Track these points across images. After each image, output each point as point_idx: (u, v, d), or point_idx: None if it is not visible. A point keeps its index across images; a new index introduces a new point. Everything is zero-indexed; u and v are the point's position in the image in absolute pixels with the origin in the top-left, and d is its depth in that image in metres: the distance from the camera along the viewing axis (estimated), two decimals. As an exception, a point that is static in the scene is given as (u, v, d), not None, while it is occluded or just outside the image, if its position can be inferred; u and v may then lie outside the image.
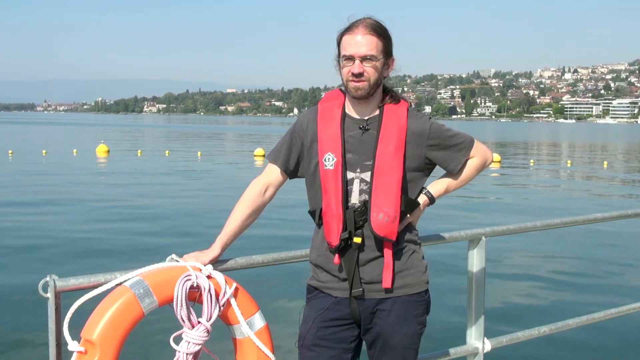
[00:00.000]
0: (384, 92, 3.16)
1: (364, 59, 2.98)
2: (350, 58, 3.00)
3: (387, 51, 3.06)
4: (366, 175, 3.02)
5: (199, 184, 25.24)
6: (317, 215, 3.14)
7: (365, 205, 3.00)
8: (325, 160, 3.05)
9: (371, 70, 3.00)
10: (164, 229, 15.17)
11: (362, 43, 2.98)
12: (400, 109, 3.12)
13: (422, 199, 3.18)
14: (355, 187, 3.03)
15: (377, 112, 3.11)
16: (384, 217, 2.97)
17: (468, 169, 3.26)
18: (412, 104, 3.23)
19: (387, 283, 3.02)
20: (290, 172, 3.27)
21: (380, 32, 3.02)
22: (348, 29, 3.03)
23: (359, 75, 2.99)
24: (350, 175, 3.04)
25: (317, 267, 3.18)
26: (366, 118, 3.10)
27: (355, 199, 3.03)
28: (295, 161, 3.25)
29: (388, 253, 3.03)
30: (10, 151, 40.24)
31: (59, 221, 15.95)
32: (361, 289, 3.03)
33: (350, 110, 3.14)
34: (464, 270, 4.18)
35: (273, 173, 3.28)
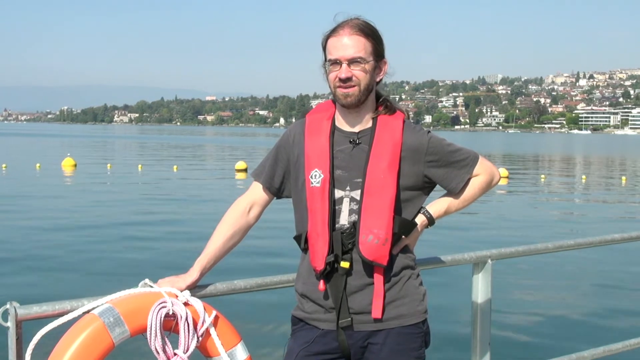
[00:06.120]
0: (377, 100, 3.14)
1: (351, 62, 2.97)
2: (337, 62, 2.99)
3: (377, 53, 3.04)
4: (356, 194, 3.00)
5: (175, 200, 25.18)
6: (302, 239, 3.12)
7: (355, 227, 2.97)
8: (311, 177, 3.03)
9: (361, 74, 2.98)
10: (136, 251, 15.11)
11: (349, 45, 2.96)
12: (395, 120, 3.10)
13: (420, 219, 3.15)
14: (345, 207, 3.01)
15: (370, 124, 3.09)
16: (373, 239, 2.94)
17: (472, 187, 3.24)
18: (411, 113, 3.22)
19: (376, 313, 2.99)
20: (276, 191, 3.26)
21: (369, 32, 3.01)
22: (333, 31, 3.02)
23: (346, 80, 2.97)
24: (339, 193, 3.02)
25: (302, 297, 3.15)
26: (357, 131, 3.08)
27: (344, 219, 3.00)
28: (281, 178, 3.24)
29: (379, 279, 3.00)
30: (-36, 165, 40.11)
31: (20, 243, 15.87)
32: (349, 318, 3.00)
33: (340, 123, 3.12)
34: (467, 297, 4.18)
35: (257, 191, 3.28)
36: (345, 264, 2.96)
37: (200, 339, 2.92)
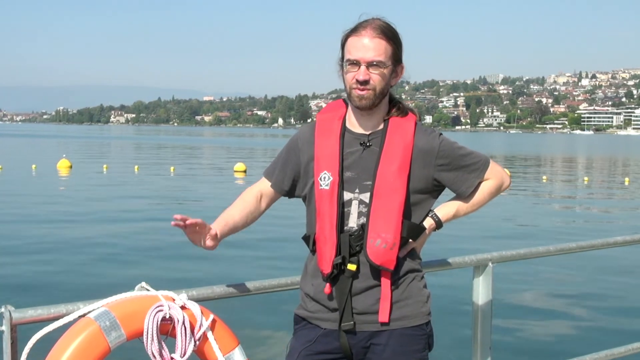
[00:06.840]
0: (390, 103, 3.14)
1: (370, 64, 2.96)
2: (356, 63, 2.98)
3: (396, 57, 3.05)
4: (365, 197, 3.00)
5: (172, 203, 25.15)
6: (310, 240, 3.13)
7: (363, 229, 2.98)
8: (320, 179, 3.04)
9: (377, 78, 2.98)
10: (133, 254, 15.11)
11: (370, 47, 2.96)
12: (407, 123, 3.11)
13: (428, 222, 3.16)
14: (354, 209, 3.02)
15: (382, 126, 3.09)
16: (381, 244, 2.95)
17: (481, 192, 3.23)
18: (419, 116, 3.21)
19: (384, 316, 3.00)
20: (286, 193, 3.29)
21: (391, 35, 3.00)
22: (354, 30, 3.01)
23: (364, 83, 2.97)
24: (347, 196, 3.02)
25: (306, 296, 3.16)
26: (368, 133, 3.09)
27: (353, 222, 3.01)
28: (291, 181, 3.25)
29: (386, 282, 3.00)
30: (-41, 166, 40.10)
31: (15, 245, 15.86)
32: (352, 322, 3.00)
33: (351, 124, 3.13)
34: (468, 301, 4.18)
35: (266, 186, 3.31)
36: (352, 267, 2.97)
37: (197, 343, 2.92)
